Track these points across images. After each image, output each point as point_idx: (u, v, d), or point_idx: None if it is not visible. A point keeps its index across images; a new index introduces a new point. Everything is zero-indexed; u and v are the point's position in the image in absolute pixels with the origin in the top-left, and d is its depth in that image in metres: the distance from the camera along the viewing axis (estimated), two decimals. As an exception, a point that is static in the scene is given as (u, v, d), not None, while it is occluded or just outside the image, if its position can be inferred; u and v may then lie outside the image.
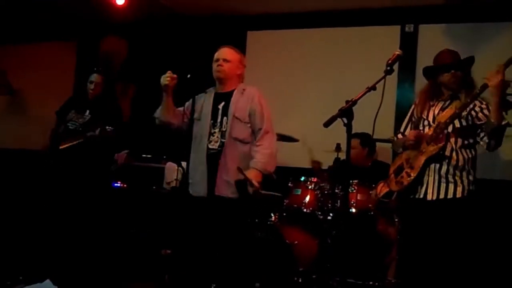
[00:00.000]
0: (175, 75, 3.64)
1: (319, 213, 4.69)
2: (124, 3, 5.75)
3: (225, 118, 3.64)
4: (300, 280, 4.45)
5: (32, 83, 7.31)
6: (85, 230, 4.80)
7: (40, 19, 6.75)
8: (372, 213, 4.62)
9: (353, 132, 2.92)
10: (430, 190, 3.48)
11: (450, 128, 3.47)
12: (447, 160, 3.46)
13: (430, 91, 3.68)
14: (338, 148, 5.04)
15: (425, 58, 3.70)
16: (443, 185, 3.46)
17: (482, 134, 3.42)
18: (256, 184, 3.49)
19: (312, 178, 4.82)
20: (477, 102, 3.46)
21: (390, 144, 4.74)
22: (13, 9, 6.44)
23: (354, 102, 2.85)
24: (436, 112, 3.58)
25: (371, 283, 4.43)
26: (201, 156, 3.63)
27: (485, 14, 5.31)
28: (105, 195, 5.01)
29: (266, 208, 4.93)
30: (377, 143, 5.13)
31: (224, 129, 3.63)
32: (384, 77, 2.91)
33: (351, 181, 4.68)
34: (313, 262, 4.59)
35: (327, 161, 5.21)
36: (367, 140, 4.99)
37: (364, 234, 4.64)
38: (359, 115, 2.92)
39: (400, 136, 3.83)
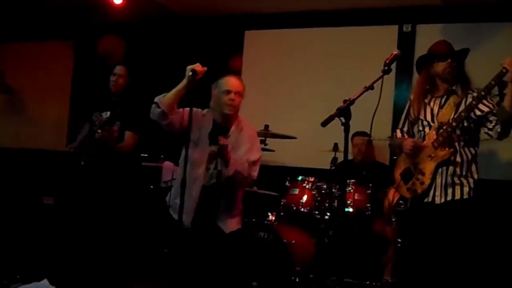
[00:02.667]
0: (205, 68, 3.43)
1: (316, 212, 4.69)
2: (122, 3, 5.75)
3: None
4: (297, 280, 4.45)
5: (30, 83, 7.32)
6: (85, 230, 4.80)
7: (38, 18, 6.75)
8: (369, 212, 4.63)
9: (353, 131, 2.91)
10: (438, 193, 3.44)
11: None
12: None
13: (425, 84, 3.63)
14: (335, 147, 5.05)
15: (422, 58, 3.70)
16: (450, 188, 3.43)
17: (491, 124, 3.32)
18: (225, 142, 3.40)
19: (309, 177, 4.82)
20: (469, 95, 3.43)
21: (387, 144, 4.75)
22: (10, 8, 6.44)
23: (352, 102, 2.84)
24: (435, 110, 3.54)
25: (368, 282, 4.44)
26: (194, 187, 3.52)
27: (482, 15, 5.33)
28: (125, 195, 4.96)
29: (263, 208, 4.93)
30: (375, 143, 5.14)
31: (219, 169, 3.49)
32: (381, 77, 2.91)
33: (348, 181, 4.69)
34: (310, 261, 4.60)
35: (324, 161, 5.21)
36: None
37: (361, 233, 4.65)
38: (357, 114, 2.92)
39: (399, 132, 3.80)
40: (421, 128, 3.60)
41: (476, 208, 3.50)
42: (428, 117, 3.55)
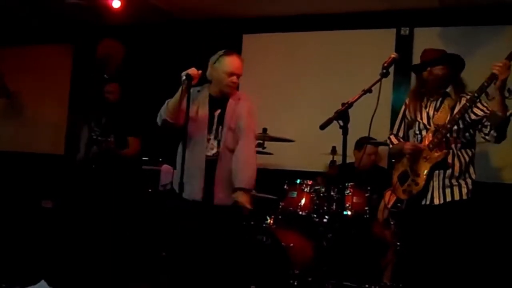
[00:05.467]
0: (200, 71, 3.47)
1: (315, 215, 4.69)
2: (120, 6, 5.75)
3: (220, 127, 3.60)
4: (295, 283, 4.44)
5: (29, 86, 7.31)
6: (84, 233, 4.80)
7: (37, 22, 6.75)
8: (367, 216, 4.63)
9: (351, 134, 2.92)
10: (436, 195, 3.46)
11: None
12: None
13: (420, 88, 3.67)
14: (333, 151, 5.05)
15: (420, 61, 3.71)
16: (448, 189, 3.45)
17: (486, 129, 3.37)
18: (249, 207, 3.51)
19: (308, 180, 4.82)
20: (463, 98, 3.47)
21: (386, 147, 4.76)
22: (10, 11, 6.44)
23: (350, 105, 2.85)
24: (431, 113, 3.57)
25: (366, 286, 4.43)
26: (197, 161, 3.57)
27: (480, 18, 5.34)
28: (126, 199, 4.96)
29: (262, 211, 4.93)
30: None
31: (219, 138, 3.59)
32: (380, 80, 2.92)
33: (347, 184, 4.69)
34: (309, 265, 4.59)
35: (323, 164, 5.21)
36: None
37: (359, 237, 4.65)
38: (355, 117, 2.93)
39: (393, 137, 3.82)
40: (417, 132, 3.63)
41: (475, 209, 3.51)
42: (425, 120, 3.59)
